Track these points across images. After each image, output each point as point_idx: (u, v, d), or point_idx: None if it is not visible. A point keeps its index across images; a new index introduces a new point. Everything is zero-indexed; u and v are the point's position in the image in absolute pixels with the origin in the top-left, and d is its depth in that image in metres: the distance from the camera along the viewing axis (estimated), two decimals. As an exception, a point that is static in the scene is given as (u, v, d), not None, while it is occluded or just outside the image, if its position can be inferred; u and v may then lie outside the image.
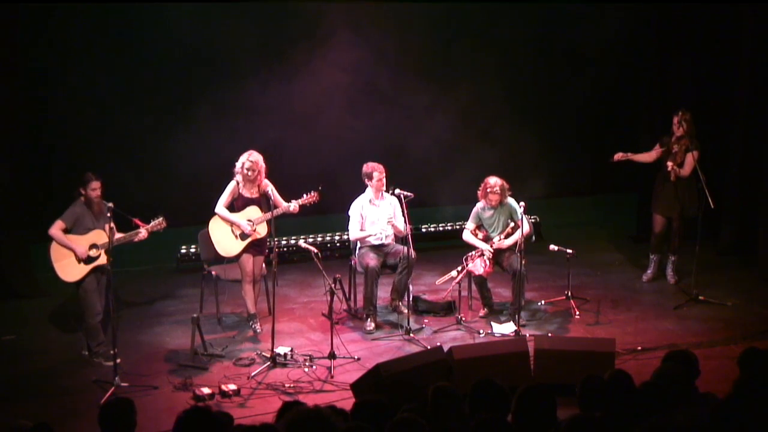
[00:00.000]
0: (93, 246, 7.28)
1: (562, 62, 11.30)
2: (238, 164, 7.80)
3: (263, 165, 7.84)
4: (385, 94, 10.57)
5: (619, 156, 9.01)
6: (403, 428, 4.01)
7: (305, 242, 8.25)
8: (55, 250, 7.28)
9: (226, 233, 7.85)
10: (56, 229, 7.27)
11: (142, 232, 7.44)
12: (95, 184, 7.29)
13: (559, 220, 11.13)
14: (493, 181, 8.21)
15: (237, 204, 7.88)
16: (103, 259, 7.30)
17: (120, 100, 9.72)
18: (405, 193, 7.97)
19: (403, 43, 10.55)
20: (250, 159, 7.76)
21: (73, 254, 7.24)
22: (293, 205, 7.82)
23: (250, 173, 7.75)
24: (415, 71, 10.65)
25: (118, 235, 7.34)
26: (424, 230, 10.79)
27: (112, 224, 7.15)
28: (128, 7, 9.47)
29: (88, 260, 7.22)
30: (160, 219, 7.51)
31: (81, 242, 7.28)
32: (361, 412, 4.41)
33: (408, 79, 10.64)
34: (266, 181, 7.84)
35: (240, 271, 7.96)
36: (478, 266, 8.09)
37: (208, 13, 9.79)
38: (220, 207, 7.84)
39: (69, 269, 7.25)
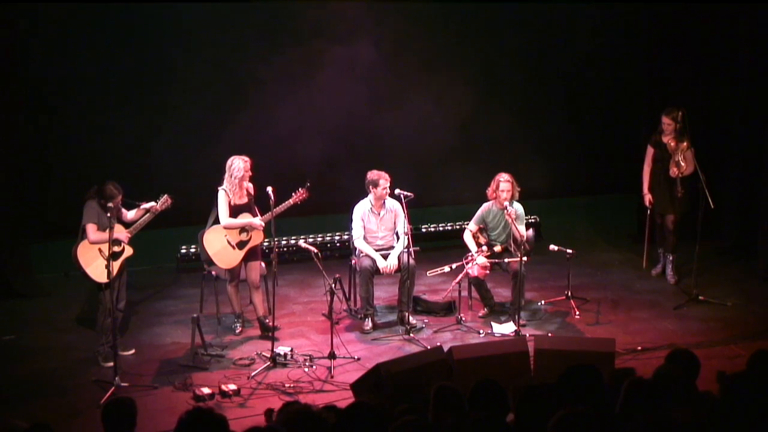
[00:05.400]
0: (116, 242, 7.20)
1: (563, 62, 11.30)
2: (236, 171, 7.65)
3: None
4: (385, 94, 10.58)
5: (649, 200, 9.17)
6: (407, 430, 4.02)
7: (305, 242, 8.25)
8: (82, 255, 7.19)
9: (223, 246, 7.74)
10: (94, 232, 7.19)
11: (146, 205, 7.42)
12: (119, 198, 7.25)
13: (559, 220, 11.13)
14: (506, 176, 8.20)
15: (230, 213, 7.74)
16: (129, 251, 7.35)
17: (120, 101, 9.73)
18: (405, 193, 7.95)
19: (404, 44, 10.55)
20: (245, 161, 7.67)
21: (99, 254, 7.14)
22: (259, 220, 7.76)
23: (246, 174, 7.65)
24: (416, 72, 10.65)
25: (131, 215, 7.40)
26: (424, 230, 10.79)
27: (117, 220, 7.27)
28: (129, 8, 9.47)
29: (115, 256, 7.08)
30: (165, 197, 7.48)
31: (119, 230, 7.22)
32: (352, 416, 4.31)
33: (409, 80, 10.64)
34: (268, 189, 7.58)
35: (228, 272, 7.91)
36: (474, 267, 8.08)
37: (210, 13, 9.79)
38: (226, 219, 7.69)
39: (101, 270, 7.04)
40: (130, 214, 7.49)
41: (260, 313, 7.92)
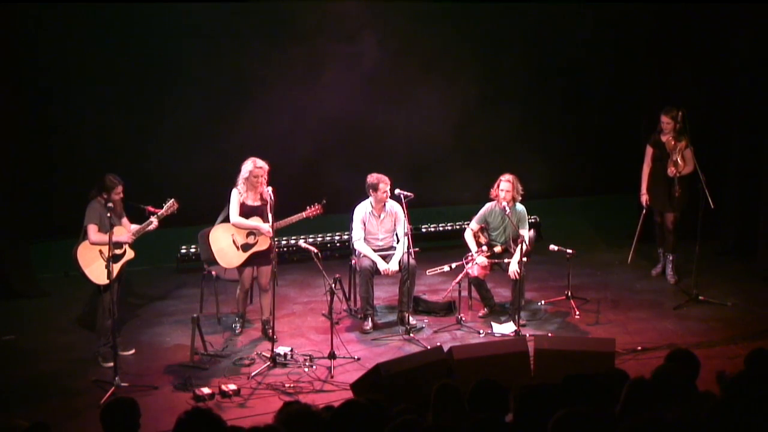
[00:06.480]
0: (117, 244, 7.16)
1: (563, 62, 11.30)
2: (244, 171, 7.63)
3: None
4: (386, 93, 10.59)
5: (646, 200, 9.22)
6: (405, 429, 4.02)
7: (305, 242, 8.25)
8: (82, 256, 7.17)
9: (228, 245, 7.72)
10: (94, 233, 7.16)
11: (154, 222, 7.38)
12: (120, 188, 7.23)
13: (559, 220, 11.13)
14: (508, 176, 8.20)
15: (240, 213, 7.70)
16: (130, 254, 7.33)
17: (120, 101, 9.73)
18: (405, 193, 7.94)
19: (405, 44, 10.55)
20: (257, 165, 7.61)
21: (99, 255, 7.12)
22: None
23: (256, 180, 7.61)
24: (417, 72, 10.66)
25: (135, 227, 7.36)
26: (424, 230, 10.79)
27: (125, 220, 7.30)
28: (131, 7, 9.47)
29: (115, 258, 7.03)
30: (171, 201, 7.44)
31: (120, 232, 7.21)
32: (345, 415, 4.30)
33: (409, 80, 10.65)
34: (267, 189, 7.52)
35: (240, 281, 7.95)
36: (474, 267, 8.08)
37: (211, 13, 9.79)
38: (236, 217, 7.66)
39: (100, 271, 7.04)
40: (133, 227, 7.42)
41: (266, 316, 7.91)
